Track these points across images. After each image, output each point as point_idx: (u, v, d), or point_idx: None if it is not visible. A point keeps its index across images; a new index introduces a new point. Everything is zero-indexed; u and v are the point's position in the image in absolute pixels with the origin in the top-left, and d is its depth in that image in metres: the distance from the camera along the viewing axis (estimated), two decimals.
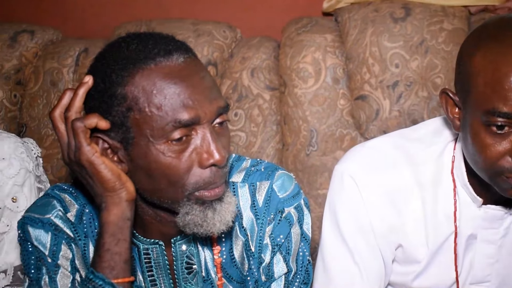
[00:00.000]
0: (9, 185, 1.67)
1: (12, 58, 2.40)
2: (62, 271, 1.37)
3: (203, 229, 1.29)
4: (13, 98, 2.39)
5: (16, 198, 1.66)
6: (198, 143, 1.25)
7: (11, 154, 1.68)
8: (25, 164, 1.70)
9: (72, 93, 1.27)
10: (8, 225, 1.65)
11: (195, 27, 2.40)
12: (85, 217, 1.41)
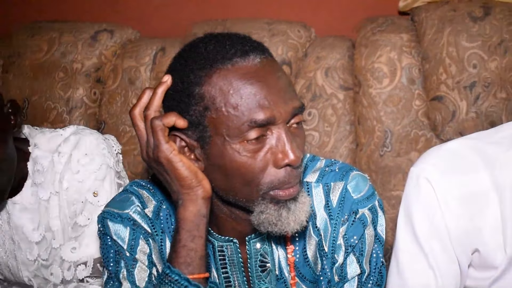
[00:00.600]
0: (91, 179, 1.72)
1: (92, 57, 2.47)
2: (140, 265, 1.41)
3: (277, 228, 1.29)
4: (92, 95, 2.46)
5: (97, 193, 1.72)
6: (273, 143, 1.26)
7: (93, 150, 1.74)
8: (106, 160, 1.75)
9: (151, 92, 1.30)
10: (89, 218, 1.70)
11: (270, 27, 2.41)
12: (162, 213, 1.45)
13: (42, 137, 1.78)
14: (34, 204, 1.75)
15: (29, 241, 1.77)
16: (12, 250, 1.79)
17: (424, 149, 2.25)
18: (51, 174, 1.74)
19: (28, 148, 1.76)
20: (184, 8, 2.67)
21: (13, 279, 1.84)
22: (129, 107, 2.40)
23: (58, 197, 1.74)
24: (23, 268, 1.80)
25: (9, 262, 1.80)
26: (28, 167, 1.75)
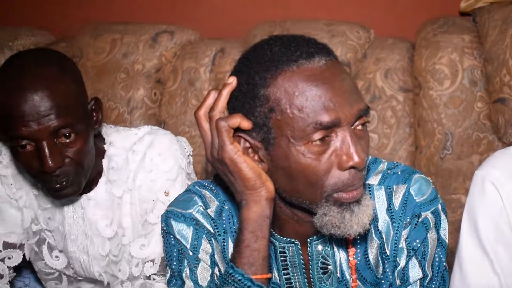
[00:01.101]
0: (163, 179, 1.76)
1: (153, 58, 2.51)
2: (202, 265, 1.42)
3: (340, 231, 1.29)
4: (153, 96, 2.50)
5: (168, 192, 1.75)
6: (337, 145, 1.26)
7: (166, 150, 1.78)
8: (179, 160, 1.78)
9: (216, 93, 1.31)
10: (159, 217, 1.74)
11: (329, 28, 2.40)
12: (224, 213, 1.46)
13: (117, 135, 1.82)
14: (108, 200, 1.80)
15: (102, 236, 1.81)
16: (84, 245, 1.84)
17: (486, 152, 2.21)
18: (125, 172, 1.78)
19: (104, 145, 1.80)
20: (244, 9, 2.69)
21: (83, 274, 1.88)
22: (188, 108, 2.43)
23: (130, 195, 1.78)
24: (94, 263, 1.85)
25: (81, 257, 1.85)
26: (103, 164, 1.80)
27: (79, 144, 1.63)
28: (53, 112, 1.56)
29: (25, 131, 1.57)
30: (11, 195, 1.87)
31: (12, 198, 1.88)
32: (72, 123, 1.60)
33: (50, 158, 1.59)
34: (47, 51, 1.71)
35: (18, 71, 1.59)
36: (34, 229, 1.89)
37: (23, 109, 1.56)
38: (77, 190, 1.70)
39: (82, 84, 1.70)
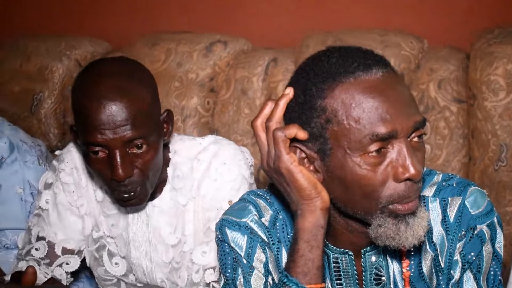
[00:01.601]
0: (227, 188, 1.79)
1: (206, 67, 2.54)
2: (256, 273, 1.44)
3: (395, 242, 1.29)
4: (206, 104, 2.54)
5: (232, 201, 1.77)
6: (394, 157, 1.26)
7: (231, 160, 1.81)
8: (242, 171, 1.81)
9: (273, 104, 1.33)
10: None
11: (382, 38, 2.40)
12: (278, 222, 1.47)
13: (182, 144, 1.86)
14: (172, 208, 1.83)
15: (165, 243, 1.85)
16: (148, 252, 1.87)
17: None
18: (190, 180, 1.82)
19: (169, 154, 1.84)
20: (296, 19, 2.71)
21: (145, 281, 1.92)
22: (241, 117, 2.45)
23: (194, 203, 1.82)
24: (157, 269, 1.88)
25: (144, 263, 1.88)
26: (168, 172, 1.83)
27: (150, 155, 1.67)
28: (129, 122, 1.60)
29: (100, 138, 1.62)
30: (72, 202, 1.92)
31: (73, 206, 1.93)
32: (146, 135, 1.64)
33: (121, 167, 1.63)
34: (129, 61, 1.74)
35: (99, 78, 1.63)
36: (95, 236, 1.94)
37: (100, 117, 1.60)
38: (143, 200, 1.75)
39: (158, 95, 1.74)
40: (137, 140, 1.64)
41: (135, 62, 1.74)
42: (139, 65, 1.73)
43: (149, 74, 1.73)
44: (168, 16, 2.87)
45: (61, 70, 2.75)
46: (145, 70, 1.73)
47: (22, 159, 2.17)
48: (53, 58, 2.76)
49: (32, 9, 3.12)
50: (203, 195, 1.80)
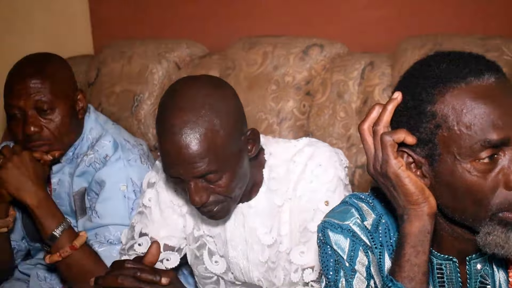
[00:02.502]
0: (323, 190, 1.80)
1: (303, 70, 2.56)
2: (358, 276, 1.44)
3: (504, 251, 1.27)
4: (302, 107, 2.55)
5: (328, 202, 1.79)
6: (505, 164, 1.24)
7: (327, 161, 1.82)
8: (338, 172, 1.82)
9: (380, 108, 1.33)
10: None
11: (483, 42, 2.35)
12: (381, 226, 1.47)
13: (277, 147, 1.89)
14: (268, 209, 1.86)
15: (261, 243, 1.88)
16: (245, 251, 1.91)
17: None
18: (286, 182, 1.84)
19: (264, 156, 1.87)
20: (392, 23, 2.68)
21: (243, 279, 1.96)
22: (336, 120, 2.46)
23: (290, 204, 1.84)
24: (254, 268, 1.91)
25: (241, 262, 1.92)
26: (263, 174, 1.86)
27: (226, 182, 1.70)
28: (201, 161, 1.64)
29: (173, 172, 1.69)
30: (174, 201, 1.98)
31: (175, 204, 1.99)
32: (220, 169, 1.67)
33: (195, 195, 1.69)
34: (209, 88, 1.71)
35: (175, 110, 1.65)
36: (195, 235, 1.99)
37: (170, 151, 1.65)
38: (227, 213, 1.80)
39: (239, 117, 1.73)
40: (211, 174, 1.67)
41: (215, 88, 1.71)
42: (219, 91, 1.71)
43: (230, 97, 1.72)
44: (265, 19, 2.91)
45: (160, 72, 2.83)
46: (226, 96, 1.71)
47: (125, 157, 2.26)
48: (153, 60, 2.84)
49: (134, 15, 3.22)
50: (299, 197, 1.82)
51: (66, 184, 2.31)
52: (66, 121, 2.20)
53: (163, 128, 1.67)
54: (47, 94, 2.14)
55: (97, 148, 2.28)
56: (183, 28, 3.07)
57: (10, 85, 2.18)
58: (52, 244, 2.09)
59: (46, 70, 2.18)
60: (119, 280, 1.56)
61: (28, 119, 2.14)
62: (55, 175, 2.33)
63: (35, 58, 2.25)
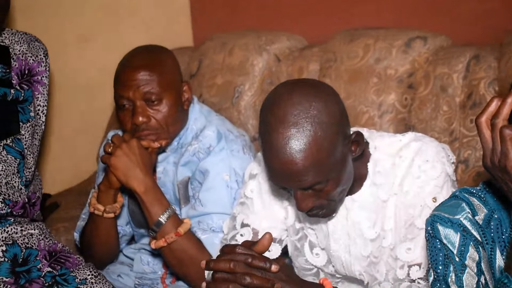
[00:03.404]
0: (430, 186, 1.78)
1: (405, 63, 2.52)
2: (469, 272, 1.42)
3: None
4: (404, 100, 2.52)
5: (436, 199, 1.77)
6: None
7: (434, 157, 1.80)
8: (446, 168, 1.80)
9: (499, 101, 1.30)
10: None
11: None
12: (493, 222, 1.45)
13: (382, 141, 1.88)
14: (372, 203, 1.86)
15: (364, 237, 1.88)
16: (347, 245, 1.91)
17: None
18: (391, 177, 1.82)
19: (369, 150, 1.87)
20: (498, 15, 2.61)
21: (343, 273, 1.96)
22: (439, 114, 2.42)
23: (396, 199, 1.82)
24: (355, 262, 1.91)
25: (343, 256, 1.93)
26: (368, 168, 1.86)
27: (332, 189, 1.70)
28: (306, 174, 1.64)
29: (278, 183, 1.75)
30: (276, 192, 2.01)
31: (277, 196, 2.01)
32: (325, 178, 1.67)
33: (301, 203, 1.71)
34: (310, 98, 1.66)
35: (277, 125, 1.63)
36: (297, 227, 2.01)
37: (275, 166, 1.66)
38: (332, 214, 1.83)
39: (342, 122, 1.71)
40: (316, 185, 1.68)
41: (315, 98, 1.66)
42: (320, 99, 1.67)
43: (328, 109, 1.66)
44: (364, 12, 2.89)
45: (261, 64, 2.86)
46: (325, 106, 1.66)
47: (229, 148, 2.30)
48: (253, 52, 2.87)
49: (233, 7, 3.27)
50: (406, 192, 1.80)
51: (171, 173, 2.38)
52: (173, 111, 2.26)
53: (265, 142, 1.67)
54: (155, 85, 2.21)
55: (201, 138, 2.33)
56: (283, 20, 3.08)
57: (120, 76, 2.26)
58: (157, 230, 2.16)
59: (155, 62, 2.25)
60: (231, 265, 1.59)
61: (136, 109, 2.21)
62: (160, 164, 2.40)
63: (144, 50, 2.32)
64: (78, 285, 2.09)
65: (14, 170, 2.17)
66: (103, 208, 2.25)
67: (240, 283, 1.58)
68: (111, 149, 2.17)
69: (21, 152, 2.19)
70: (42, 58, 2.32)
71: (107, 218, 2.28)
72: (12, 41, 2.28)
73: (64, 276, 2.10)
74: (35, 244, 2.15)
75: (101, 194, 2.25)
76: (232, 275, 1.59)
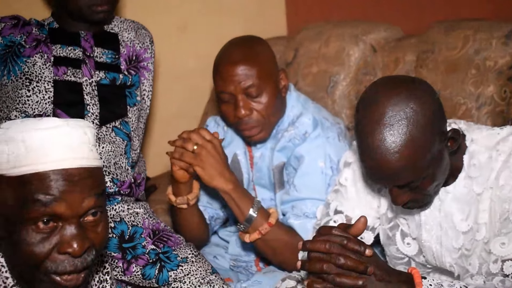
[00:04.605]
0: None
1: (505, 55, 2.48)
2: None
3: None
4: (503, 93, 2.48)
5: None
6: None
7: None
8: None
9: None
10: None
11: None
12: None
13: (479, 134, 1.87)
14: (466, 195, 1.86)
15: (456, 230, 1.88)
16: (439, 236, 1.92)
17: None
18: (487, 170, 1.82)
19: (465, 142, 1.87)
20: None
21: (434, 263, 1.97)
22: None
23: (491, 193, 1.81)
24: (446, 254, 1.92)
25: (434, 246, 1.94)
26: (464, 161, 1.86)
27: (427, 185, 1.73)
28: (401, 173, 1.67)
29: (373, 181, 1.80)
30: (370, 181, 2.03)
31: (371, 185, 2.04)
32: (421, 176, 1.70)
33: (397, 199, 1.75)
34: (406, 97, 1.68)
35: (373, 125, 1.66)
36: (389, 215, 2.03)
37: (370, 165, 1.70)
38: (427, 207, 1.88)
39: (439, 119, 1.72)
40: (412, 183, 1.70)
41: (411, 97, 1.68)
42: (416, 98, 1.68)
43: (424, 108, 1.68)
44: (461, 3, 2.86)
45: (356, 54, 2.88)
46: (422, 105, 1.67)
47: (324, 135, 2.34)
48: (350, 42, 2.89)
49: None
50: (501, 186, 1.78)
51: (267, 158, 2.44)
52: (273, 102, 2.31)
53: (361, 141, 1.70)
54: (255, 79, 2.26)
55: (297, 125, 2.38)
56: (380, 11, 3.09)
57: (219, 71, 2.32)
58: (249, 224, 2.22)
59: (253, 55, 2.30)
60: (326, 246, 1.63)
61: (238, 103, 2.27)
62: (258, 150, 2.46)
63: (241, 43, 2.37)
64: (179, 263, 2.18)
65: (121, 151, 2.28)
66: (174, 199, 2.31)
67: (335, 264, 1.60)
68: (195, 148, 2.20)
69: (128, 134, 2.31)
70: (148, 45, 2.43)
71: (182, 208, 2.34)
72: (121, 29, 2.40)
73: (167, 254, 2.20)
74: (140, 222, 2.26)
75: (173, 186, 2.31)
76: (327, 255, 1.62)
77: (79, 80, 2.24)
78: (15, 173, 1.36)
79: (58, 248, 1.36)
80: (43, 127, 1.37)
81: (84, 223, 1.39)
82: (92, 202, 1.38)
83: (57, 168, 1.36)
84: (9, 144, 1.36)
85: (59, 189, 1.35)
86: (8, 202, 1.36)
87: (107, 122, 2.26)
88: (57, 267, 1.36)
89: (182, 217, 2.38)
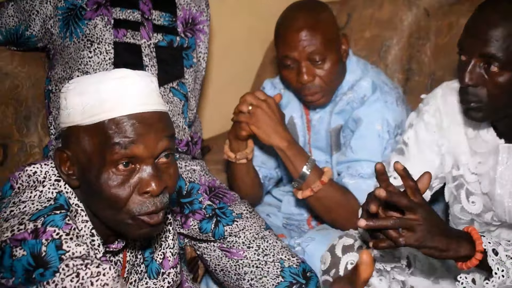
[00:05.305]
0: None
1: None
2: None
3: None
4: None
5: None
6: None
7: None
8: None
9: None
10: None
11: None
12: None
13: None
14: None
15: None
16: None
17: None
18: None
19: None
20: None
21: (504, 219, 1.99)
22: None
23: None
24: None
25: (506, 201, 1.94)
26: None
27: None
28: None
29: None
30: (433, 141, 2.07)
31: (434, 144, 2.07)
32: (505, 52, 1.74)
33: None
34: None
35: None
36: (454, 174, 2.05)
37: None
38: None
39: None
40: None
41: None
42: None
43: None
44: None
45: (410, 18, 2.88)
46: None
47: (383, 99, 2.36)
48: (403, 7, 2.88)
49: None
50: None
51: (325, 121, 2.47)
52: (335, 68, 2.34)
53: None
54: (318, 45, 2.29)
55: (356, 89, 2.41)
56: None
57: (282, 36, 2.35)
58: (302, 181, 2.27)
59: (317, 21, 2.32)
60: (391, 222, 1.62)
61: (301, 69, 2.31)
62: (316, 113, 2.50)
63: (304, 8, 2.38)
64: (235, 218, 2.25)
65: (179, 111, 2.35)
66: (234, 155, 2.38)
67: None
68: (250, 109, 2.27)
69: (185, 94, 2.37)
70: (204, 8, 2.47)
71: (240, 164, 2.41)
72: None
73: (223, 210, 2.26)
74: (197, 179, 2.33)
75: (231, 143, 2.39)
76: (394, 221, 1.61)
77: (138, 42, 2.30)
78: (92, 121, 1.45)
79: (138, 189, 1.46)
80: (115, 76, 1.47)
81: (158, 165, 1.48)
82: (165, 143, 1.48)
83: (131, 112, 1.45)
84: (83, 96, 1.46)
85: (136, 132, 1.44)
86: (88, 150, 1.46)
87: (165, 83, 2.32)
88: (141, 208, 1.46)
89: (239, 173, 2.44)
